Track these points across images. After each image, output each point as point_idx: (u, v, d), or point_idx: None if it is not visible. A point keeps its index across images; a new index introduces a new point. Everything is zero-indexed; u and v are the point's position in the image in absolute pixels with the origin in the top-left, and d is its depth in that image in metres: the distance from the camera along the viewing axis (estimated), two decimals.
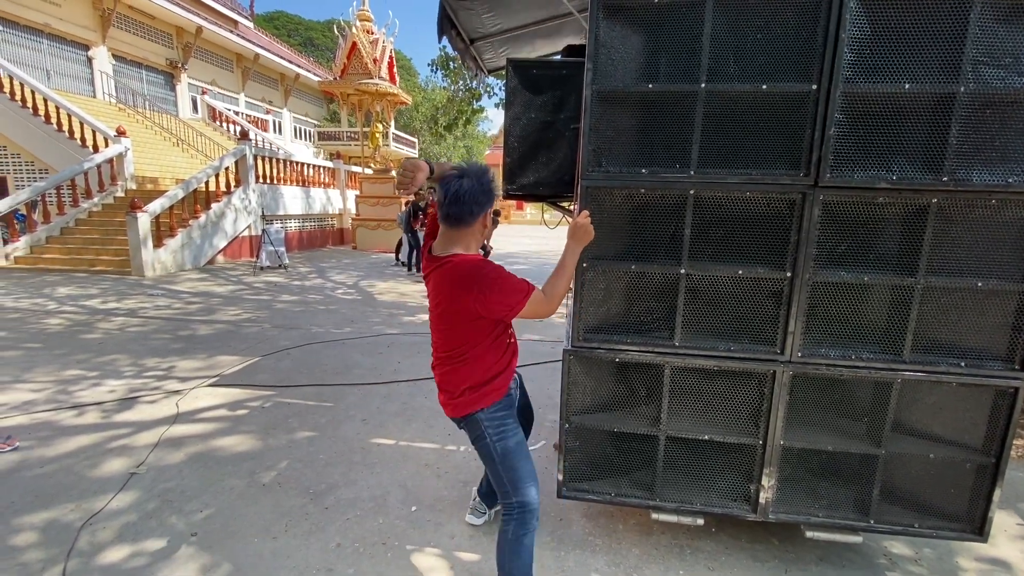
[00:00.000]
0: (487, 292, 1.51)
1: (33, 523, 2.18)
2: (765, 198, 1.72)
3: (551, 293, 1.62)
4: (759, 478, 1.88)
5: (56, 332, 5.17)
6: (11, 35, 13.73)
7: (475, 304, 1.53)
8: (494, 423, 1.69)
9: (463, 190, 1.54)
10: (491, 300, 1.52)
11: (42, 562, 1.95)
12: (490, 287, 1.52)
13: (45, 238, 9.73)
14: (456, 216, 1.57)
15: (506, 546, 1.67)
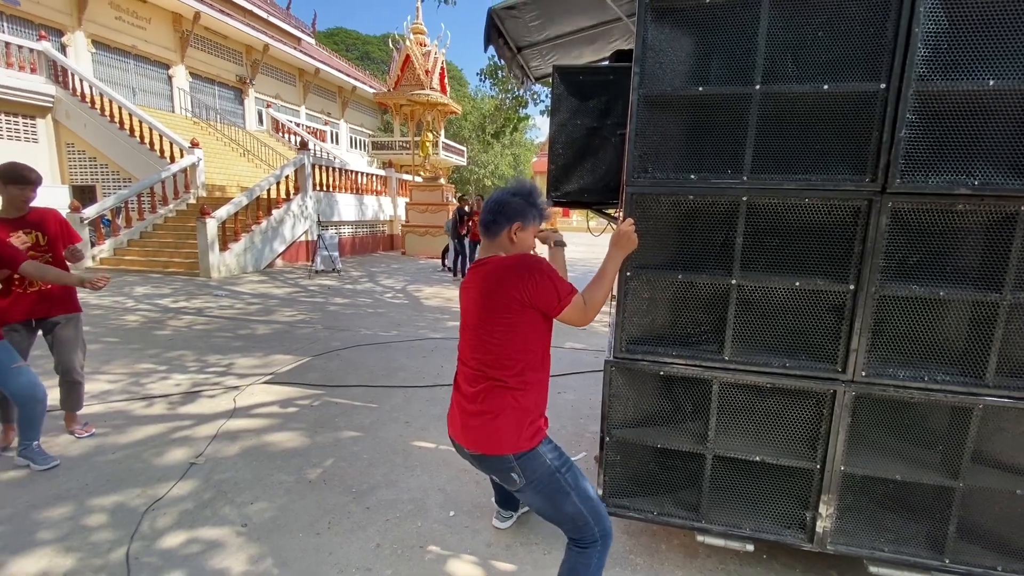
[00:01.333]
0: (535, 276, 1.49)
1: (103, 505, 2.35)
2: (826, 205, 1.61)
3: (590, 301, 1.58)
4: (816, 505, 1.75)
5: (132, 328, 5.60)
6: (104, 57, 15.11)
7: (523, 290, 1.48)
8: (555, 454, 1.56)
9: (492, 199, 1.62)
10: (540, 285, 1.49)
11: (109, 543, 2.10)
12: (539, 272, 1.50)
13: (127, 241, 10.59)
14: (486, 223, 1.62)
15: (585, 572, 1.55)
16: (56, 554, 2.02)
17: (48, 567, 1.95)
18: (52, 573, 1.92)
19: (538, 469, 1.53)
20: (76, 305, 2.93)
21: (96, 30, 14.69)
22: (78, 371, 2.92)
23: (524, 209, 1.60)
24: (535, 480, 1.53)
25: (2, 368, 2.46)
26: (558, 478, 1.53)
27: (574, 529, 1.55)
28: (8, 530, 2.15)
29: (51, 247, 2.77)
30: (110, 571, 1.94)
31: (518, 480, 1.54)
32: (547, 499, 1.55)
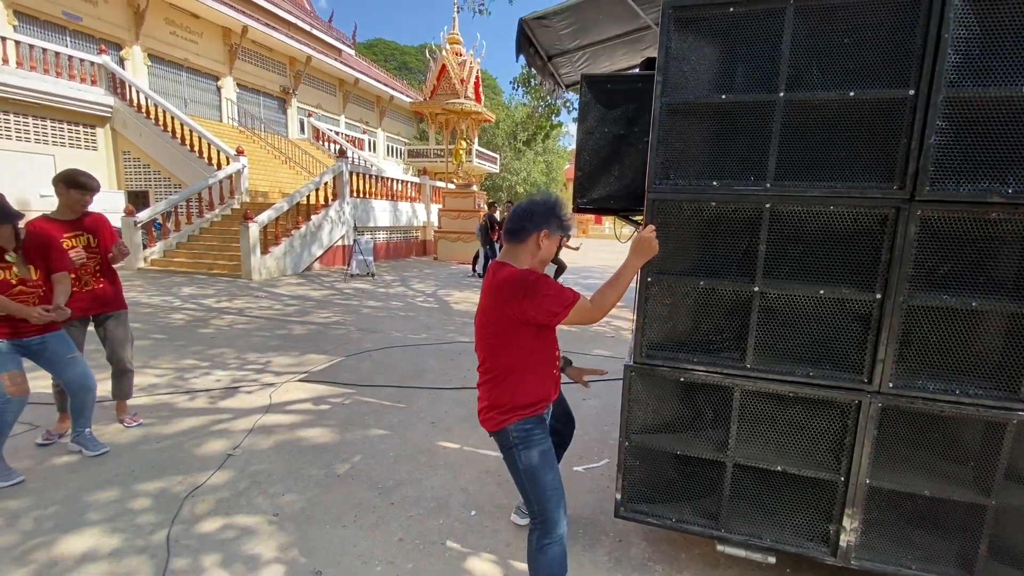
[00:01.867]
0: (529, 297, 1.56)
1: (148, 490, 2.50)
2: (851, 213, 1.59)
3: (600, 302, 1.61)
4: (840, 518, 1.71)
5: (178, 326, 5.91)
6: (158, 69, 16.04)
7: (517, 309, 1.56)
8: (521, 433, 1.68)
9: (521, 207, 1.70)
10: (533, 304, 1.56)
11: (152, 525, 2.23)
12: (533, 292, 1.56)
13: (175, 244, 11.16)
14: (510, 230, 1.69)
15: (530, 555, 1.68)
16: (103, 534, 2.17)
17: (95, 545, 2.10)
18: (99, 551, 2.06)
19: (503, 441, 1.70)
20: (123, 303, 3.16)
21: (152, 44, 15.62)
22: (128, 361, 3.14)
23: (550, 218, 1.68)
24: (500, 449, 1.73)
25: (59, 358, 2.65)
26: (512, 452, 1.68)
27: (527, 505, 1.70)
28: (61, 510, 2.32)
29: (101, 249, 3.00)
30: (152, 552, 2.07)
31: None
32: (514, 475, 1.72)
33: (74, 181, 2.82)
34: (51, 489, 2.48)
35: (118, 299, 3.12)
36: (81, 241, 2.92)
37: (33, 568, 1.95)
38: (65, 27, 13.64)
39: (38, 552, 2.04)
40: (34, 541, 2.10)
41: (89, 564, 1.98)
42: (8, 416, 2.44)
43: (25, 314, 2.45)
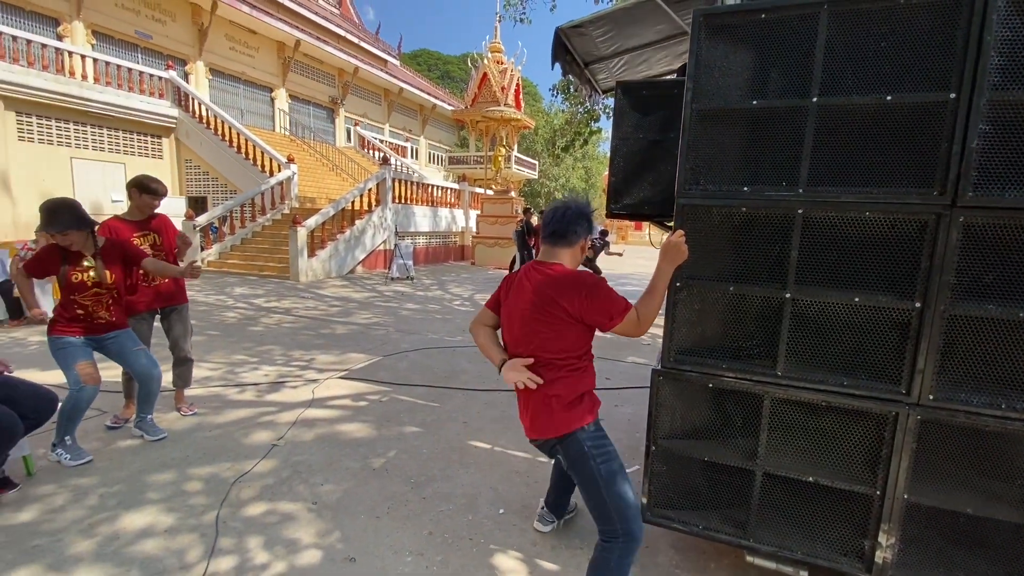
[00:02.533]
0: (590, 298, 1.62)
1: (200, 475, 2.69)
2: (888, 219, 1.56)
3: (643, 314, 1.68)
4: (875, 533, 1.66)
5: (231, 324, 6.26)
6: (218, 82, 17.05)
7: (576, 306, 1.61)
8: (597, 443, 1.69)
9: (570, 211, 1.76)
10: (593, 305, 1.61)
11: (203, 507, 2.40)
12: (594, 293, 1.63)
13: (230, 246, 11.81)
14: (559, 233, 1.75)
15: (603, 571, 1.65)
16: (159, 512, 2.35)
17: (153, 522, 2.27)
18: (156, 528, 2.23)
19: (575, 451, 1.69)
20: (185, 297, 3.43)
21: (213, 59, 16.64)
22: (187, 351, 3.39)
23: (592, 225, 1.82)
24: (571, 460, 1.71)
25: (127, 351, 2.89)
26: (590, 465, 1.66)
27: (599, 520, 1.68)
28: (123, 489, 2.52)
29: (166, 247, 3.26)
30: (202, 531, 2.22)
31: (564, 461, 1.74)
32: (581, 483, 1.71)
33: (146, 187, 3.10)
34: (115, 469, 2.70)
35: (180, 294, 3.38)
36: (148, 240, 3.18)
37: (98, 540, 2.13)
38: (137, 45, 14.75)
39: (102, 526, 2.23)
40: (99, 516, 2.30)
41: (147, 539, 2.15)
42: (82, 403, 2.68)
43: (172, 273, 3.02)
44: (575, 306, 1.61)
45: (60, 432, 2.70)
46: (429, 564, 2.07)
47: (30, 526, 2.20)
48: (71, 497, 2.43)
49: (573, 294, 1.62)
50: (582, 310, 1.62)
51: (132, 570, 1.96)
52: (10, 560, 1.98)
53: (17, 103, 10.73)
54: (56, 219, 2.54)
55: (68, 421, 2.69)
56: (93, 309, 2.74)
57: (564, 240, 1.75)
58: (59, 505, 2.36)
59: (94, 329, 2.77)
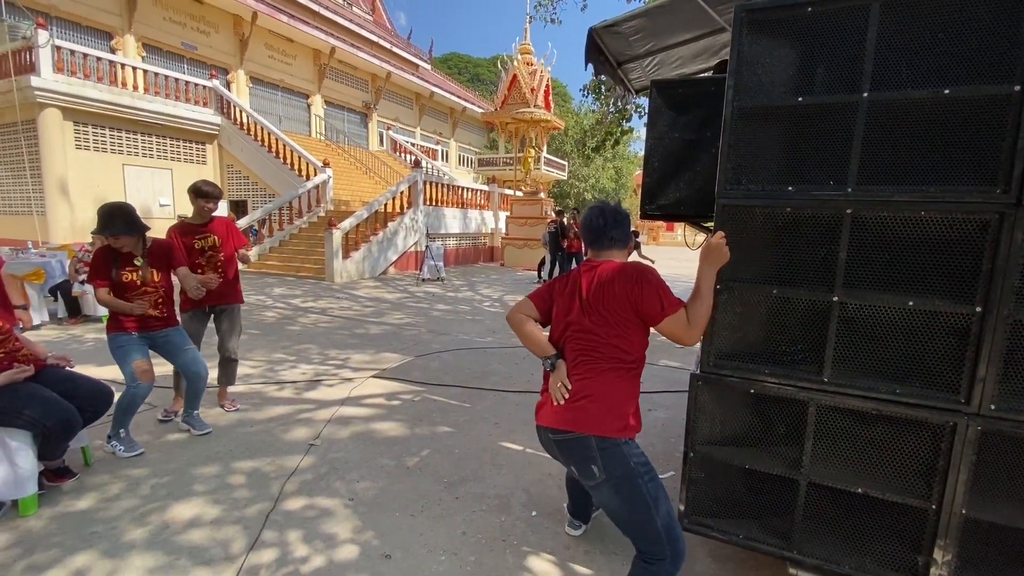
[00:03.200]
0: (640, 283, 1.62)
1: (243, 469, 2.78)
2: (946, 219, 1.48)
3: (693, 318, 1.65)
4: (930, 550, 1.58)
5: (270, 323, 6.47)
6: (258, 90, 17.66)
7: (628, 292, 1.62)
8: (642, 461, 1.61)
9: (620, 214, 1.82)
10: (645, 291, 1.61)
11: (246, 500, 2.48)
12: (646, 279, 1.64)
13: (269, 248, 12.21)
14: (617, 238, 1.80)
15: None
16: (206, 504, 2.44)
17: (200, 513, 2.36)
18: (202, 518, 2.32)
19: (619, 465, 1.57)
20: (239, 297, 3.58)
21: (253, 68, 17.27)
22: (232, 351, 3.52)
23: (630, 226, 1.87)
24: (614, 477, 1.56)
25: (177, 348, 3.02)
26: (639, 483, 1.56)
27: (645, 542, 1.59)
28: (172, 480, 2.64)
29: (223, 248, 3.43)
30: (245, 523, 2.30)
31: (597, 473, 1.57)
32: (624, 502, 1.58)
33: (200, 191, 3.30)
34: (165, 461, 2.83)
35: (234, 294, 3.53)
36: (208, 242, 3.37)
37: (149, 528, 2.24)
38: (183, 56, 15.44)
39: (153, 515, 2.33)
40: (151, 505, 2.41)
41: (194, 529, 2.24)
42: (137, 399, 2.83)
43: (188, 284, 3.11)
44: (628, 292, 1.62)
45: (115, 425, 2.85)
46: (463, 564, 2.09)
47: (87, 513, 2.33)
48: (125, 487, 2.55)
49: (625, 280, 1.64)
50: (635, 296, 1.61)
51: (181, 558, 2.04)
52: (69, 546, 2.10)
53: (75, 113, 11.38)
54: (110, 224, 2.70)
55: (123, 415, 2.83)
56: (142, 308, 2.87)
57: (611, 245, 1.80)
58: (114, 494, 2.48)
59: (147, 326, 2.91)
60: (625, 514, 1.60)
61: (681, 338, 1.64)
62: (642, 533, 1.58)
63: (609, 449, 1.58)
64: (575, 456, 1.65)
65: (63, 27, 12.75)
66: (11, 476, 2.26)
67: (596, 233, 1.79)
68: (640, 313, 1.63)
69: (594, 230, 1.79)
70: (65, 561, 2.01)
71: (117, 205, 2.79)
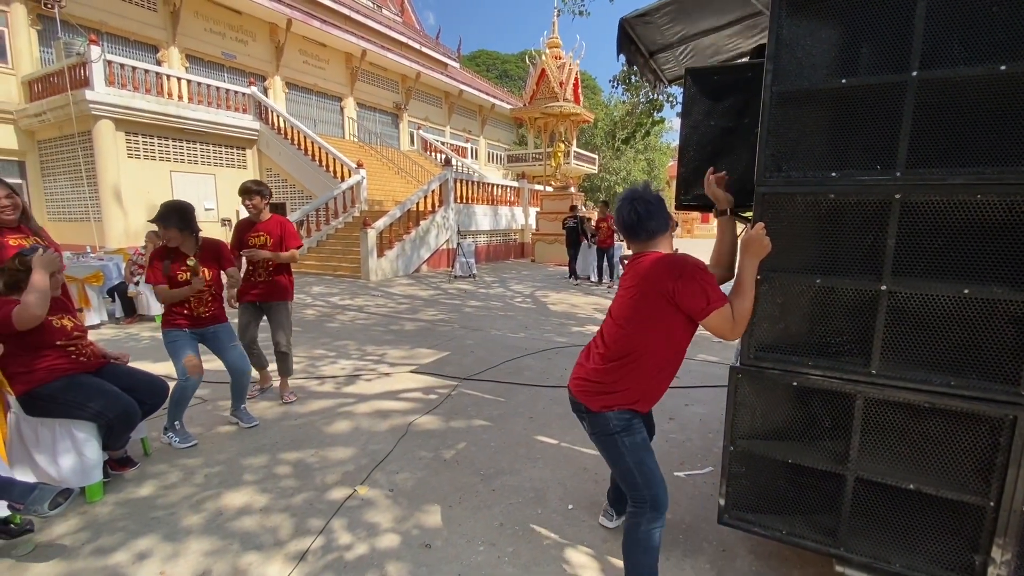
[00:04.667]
0: (688, 280, 1.57)
1: (288, 459, 2.90)
2: (1005, 202, 1.40)
3: (737, 312, 1.61)
4: (988, 548, 1.51)
5: (310, 320, 6.68)
6: (294, 95, 18.18)
7: (673, 288, 1.57)
8: (622, 422, 1.73)
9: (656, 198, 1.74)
10: (691, 287, 1.56)
11: (292, 489, 2.59)
12: (692, 275, 1.58)
13: (307, 248, 12.57)
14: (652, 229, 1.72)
15: (638, 539, 1.72)
16: (255, 493, 2.56)
17: (250, 502, 2.48)
18: (252, 506, 2.44)
19: (604, 434, 1.75)
20: (289, 295, 3.76)
21: (289, 74, 17.79)
22: (282, 344, 3.70)
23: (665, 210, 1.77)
24: (603, 445, 1.79)
25: (223, 344, 3.18)
26: (615, 439, 1.73)
27: (628, 486, 1.76)
28: (224, 470, 2.77)
29: (276, 245, 3.63)
30: (292, 511, 2.40)
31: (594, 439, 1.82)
32: (605, 452, 1.80)
33: (242, 190, 3.54)
34: (216, 452, 2.97)
35: (283, 291, 3.71)
36: (260, 240, 3.57)
37: (205, 515, 2.36)
38: (223, 64, 16.05)
39: (208, 502, 2.46)
40: (205, 493, 2.54)
41: (245, 516, 2.35)
42: (187, 392, 2.98)
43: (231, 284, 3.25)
44: (667, 289, 1.58)
45: (170, 417, 3.01)
46: (501, 555, 2.12)
47: (148, 500, 2.48)
48: (181, 476, 2.70)
49: (667, 274, 1.59)
50: (675, 293, 1.57)
51: (234, 543, 2.15)
52: (133, 530, 2.24)
53: (126, 124, 12.01)
54: (166, 217, 2.90)
55: (175, 407, 3.00)
56: (195, 304, 3.04)
57: (649, 237, 1.74)
58: (171, 482, 2.63)
59: (197, 323, 3.08)
60: (609, 461, 1.82)
61: (726, 333, 1.61)
62: (623, 478, 1.78)
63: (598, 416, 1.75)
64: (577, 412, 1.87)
65: (113, 42, 13.45)
66: (79, 465, 2.42)
67: (631, 229, 1.73)
68: (683, 308, 1.59)
69: (628, 226, 1.74)
70: (129, 544, 2.14)
71: (178, 203, 3.00)
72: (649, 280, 1.63)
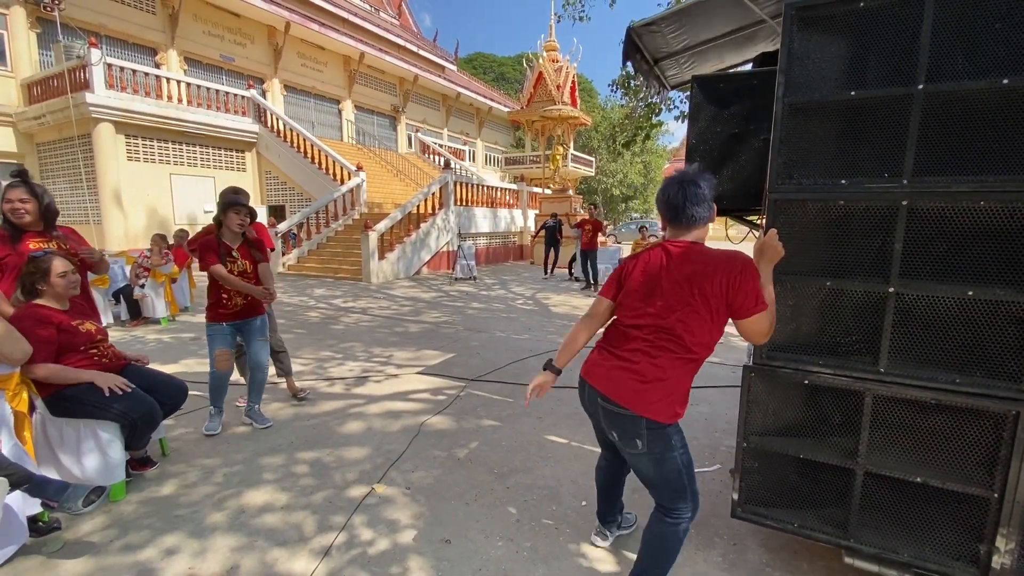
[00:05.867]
0: (750, 278, 1.52)
1: (305, 459, 2.95)
2: (1006, 208, 1.48)
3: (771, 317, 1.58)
4: (992, 538, 1.58)
5: (314, 322, 6.72)
6: (292, 97, 18.20)
7: (730, 282, 1.51)
8: (680, 437, 1.67)
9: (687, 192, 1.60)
10: (751, 287, 1.51)
11: (311, 488, 2.64)
12: (754, 275, 1.54)
13: (307, 251, 12.61)
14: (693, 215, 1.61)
15: (678, 540, 1.72)
16: (275, 491, 2.60)
17: (271, 500, 2.53)
18: (274, 504, 2.49)
19: (661, 444, 1.63)
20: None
21: (287, 76, 17.81)
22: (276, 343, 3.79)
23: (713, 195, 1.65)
24: (655, 453, 1.64)
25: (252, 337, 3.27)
26: (674, 455, 1.65)
27: (675, 492, 1.69)
28: (243, 469, 2.82)
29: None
30: (312, 508, 2.45)
31: (640, 446, 1.63)
32: (659, 470, 1.67)
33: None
34: (234, 452, 3.02)
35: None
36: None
37: (228, 512, 2.41)
38: (222, 67, 16.06)
39: (230, 500, 2.51)
40: (226, 491, 2.59)
41: (268, 514, 2.40)
42: (216, 382, 3.23)
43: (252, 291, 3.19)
44: (730, 282, 1.50)
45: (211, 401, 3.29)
46: (519, 549, 2.18)
47: (171, 499, 2.52)
48: (201, 475, 2.75)
49: (729, 271, 1.51)
50: (736, 288, 1.50)
51: (259, 540, 2.20)
52: (159, 528, 2.29)
53: (126, 127, 12.00)
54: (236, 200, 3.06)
55: (212, 393, 3.28)
56: (232, 294, 3.15)
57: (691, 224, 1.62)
58: (192, 481, 2.68)
59: (235, 315, 3.19)
60: (659, 479, 1.70)
61: (760, 336, 1.58)
62: (671, 493, 1.69)
63: (656, 430, 1.62)
64: (623, 428, 1.66)
65: (112, 45, 13.44)
66: (103, 464, 2.46)
67: (675, 210, 1.61)
68: (733, 305, 1.53)
69: (672, 207, 1.61)
70: (156, 541, 2.19)
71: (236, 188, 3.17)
72: (710, 273, 1.53)
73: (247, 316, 3.23)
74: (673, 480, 1.67)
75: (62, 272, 2.45)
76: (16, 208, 2.60)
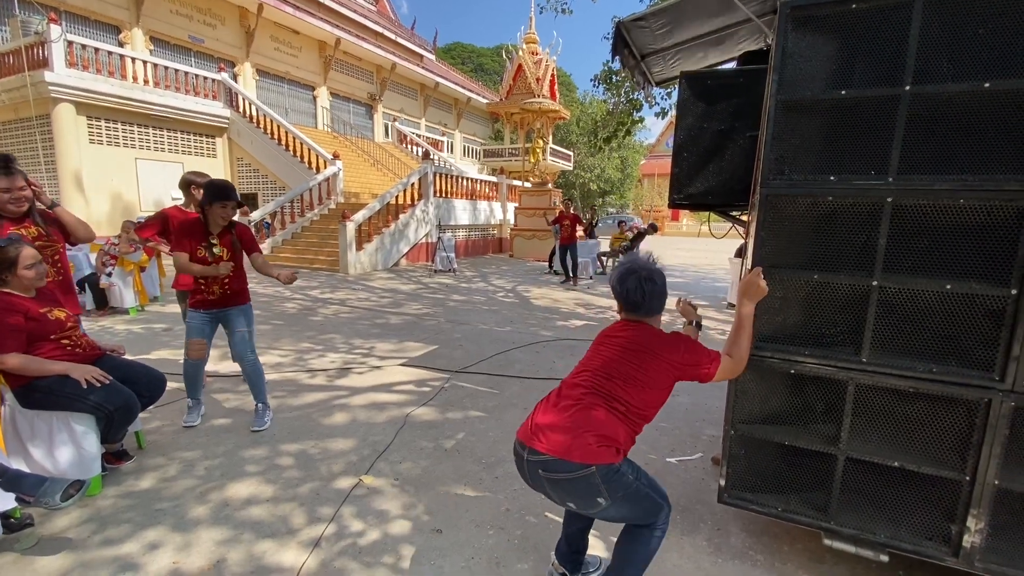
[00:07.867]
0: (689, 351, 1.70)
1: (289, 451, 2.90)
2: (984, 206, 1.56)
3: (737, 356, 1.79)
4: (963, 519, 1.68)
5: (292, 314, 6.58)
6: (265, 82, 17.67)
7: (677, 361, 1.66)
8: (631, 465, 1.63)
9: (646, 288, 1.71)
10: (693, 362, 1.69)
11: (297, 480, 2.60)
12: (692, 351, 1.71)
13: (281, 241, 12.31)
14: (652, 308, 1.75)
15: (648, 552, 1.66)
16: (260, 484, 2.56)
17: (256, 492, 2.48)
18: (259, 497, 2.44)
19: (622, 486, 1.55)
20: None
21: (260, 60, 17.27)
22: None
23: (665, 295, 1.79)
24: (619, 496, 1.54)
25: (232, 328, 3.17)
26: (637, 486, 1.58)
27: (646, 513, 1.63)
28: (225, 462, 2.76)
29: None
30: (299, 500, 2.42)
31: (603, 502, 1.53)
32: (633, 506, 1.60)
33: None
34: (214, 445, 2.95)
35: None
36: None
37: (211, 506, 2.36)
38: (190, 49, 15.46)
39: (213, 494, 2.46)
40: (208, 484, 2.53)
41: (253, 507, 2.36)
42: (190, 369, 3.15)
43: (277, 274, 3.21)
44: (679, 363, 1.67)
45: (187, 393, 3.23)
46: (510, 538, 2.20)
47: (151, 493, 2.45)
48: (181, 468, 2.68)
49: (673, 349, 1.68)
50: (683, 362, 1.67)
51: (246, 532, 2.16)
52: (140, 522, 2.22)
53: (88, 108, 11.45)
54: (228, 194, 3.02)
55: (186, 383, 3.21)
56: (208, 283, 3.07)
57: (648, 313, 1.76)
58: (172, 475, 2.61)
59: (211, 304, 3.11)
60: (631, 515, 1.64)
61: (729, 376, 1.80)
62: (645, 516, 1.63)
63: (610, 474, 1.53)
64: (575, 492, 1.55)
65: (72, 21, 12.79)
66: (77, 458, 2.37)
67: (635, 305, 1.74)
68: (691, 376, 1.71)
69: (633, 303, 1.74)
70: (138, 535, 2.13)
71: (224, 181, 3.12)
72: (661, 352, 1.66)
73: (224, 306, 3.14)
74: (646, 506, 1.61)
75: (30, 264, 2.33)
76: (17, 196, 2.54)
